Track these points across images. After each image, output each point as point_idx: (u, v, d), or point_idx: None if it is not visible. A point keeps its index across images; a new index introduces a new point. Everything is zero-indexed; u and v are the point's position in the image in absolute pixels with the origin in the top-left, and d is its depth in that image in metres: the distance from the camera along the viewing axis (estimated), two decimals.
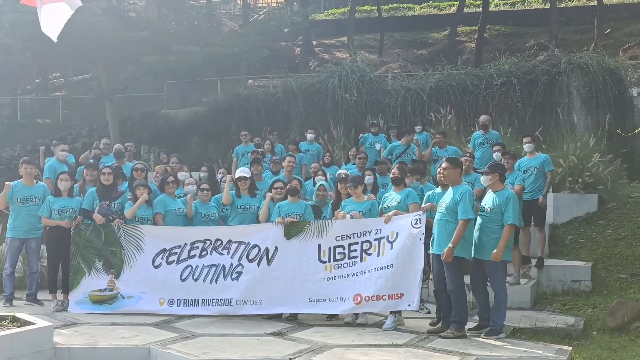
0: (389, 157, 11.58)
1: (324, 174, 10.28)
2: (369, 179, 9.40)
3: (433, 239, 7.72)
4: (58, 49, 16.76)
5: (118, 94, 19.93)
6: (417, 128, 12.30)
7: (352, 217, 8.32)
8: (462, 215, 7.39)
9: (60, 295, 8.95)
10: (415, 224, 7.87)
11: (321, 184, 9.12)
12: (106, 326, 7.91)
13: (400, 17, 28.57)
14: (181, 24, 20.52)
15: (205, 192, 9.17)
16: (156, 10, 22.84)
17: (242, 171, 9.32)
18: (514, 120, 14.74)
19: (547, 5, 24.48)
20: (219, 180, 10.51)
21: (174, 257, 8.66)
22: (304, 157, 12.37)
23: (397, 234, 7.97)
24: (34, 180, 9.36)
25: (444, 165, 7.79)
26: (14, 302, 8.95)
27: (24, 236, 9.10)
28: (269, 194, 8.95)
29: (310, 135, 13.17)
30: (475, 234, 7.65)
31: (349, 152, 12.21)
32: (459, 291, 7.52)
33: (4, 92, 23.37)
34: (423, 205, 8.03)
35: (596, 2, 23.38)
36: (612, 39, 22.58)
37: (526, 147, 10.00)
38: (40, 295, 9.12)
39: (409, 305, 7.88)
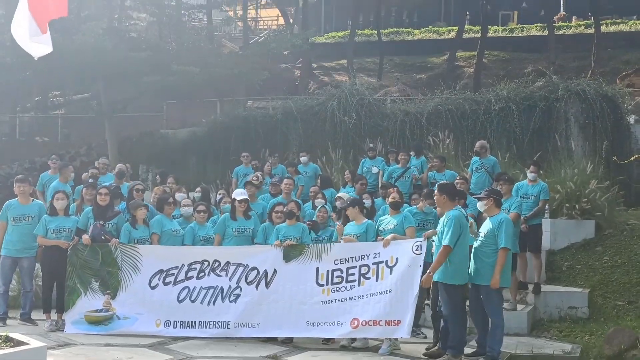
0: (389, 180, 11.59)
1: (324, 197, 10.28)
2: (366, 202, 9.40)
3: None
4: (58, 68, 16.88)
5: (117, 113, 19.97)
6: (411, 152, 12.34)
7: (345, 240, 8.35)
8: (444, 241, 7.35)
9: (54, 315, 8.89)
10: (416, 250, 7.84)
11: (323, 206, 9.15)
12: (100, 347, 7.86)
13: (399, 42, 28.83)
14: (182, 44, 20.65)
15: (202, 213, 9.17)
16: (157, 31, 22.95)
17: (242, 193, 9.32)
18: (512, 146, 14.75)
19: (546, 32, 24.74)
20: (217, 201, 10.48)
21: (171, 278, 8.61)
22: (301, 178, 12.37)
23: (396, 259, 7.92)
24: (30, 199, 9.34)
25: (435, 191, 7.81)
26: (8, 321, 8.91)
27: (17, 255, 9.05)
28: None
29: (303, 158, 13.16)
30: (472, 259, 7.64)
31: (345, 175, 12.22)
32: (453, 317, 7.44)
33: (3, 109, 23.41)
34: (426, 233, 8.02)
35: (594, 29, 23.61)
36: (609, 67, 22.74)
37: (530, 175, 10.11)
38: (35, 315, 9.06)
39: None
